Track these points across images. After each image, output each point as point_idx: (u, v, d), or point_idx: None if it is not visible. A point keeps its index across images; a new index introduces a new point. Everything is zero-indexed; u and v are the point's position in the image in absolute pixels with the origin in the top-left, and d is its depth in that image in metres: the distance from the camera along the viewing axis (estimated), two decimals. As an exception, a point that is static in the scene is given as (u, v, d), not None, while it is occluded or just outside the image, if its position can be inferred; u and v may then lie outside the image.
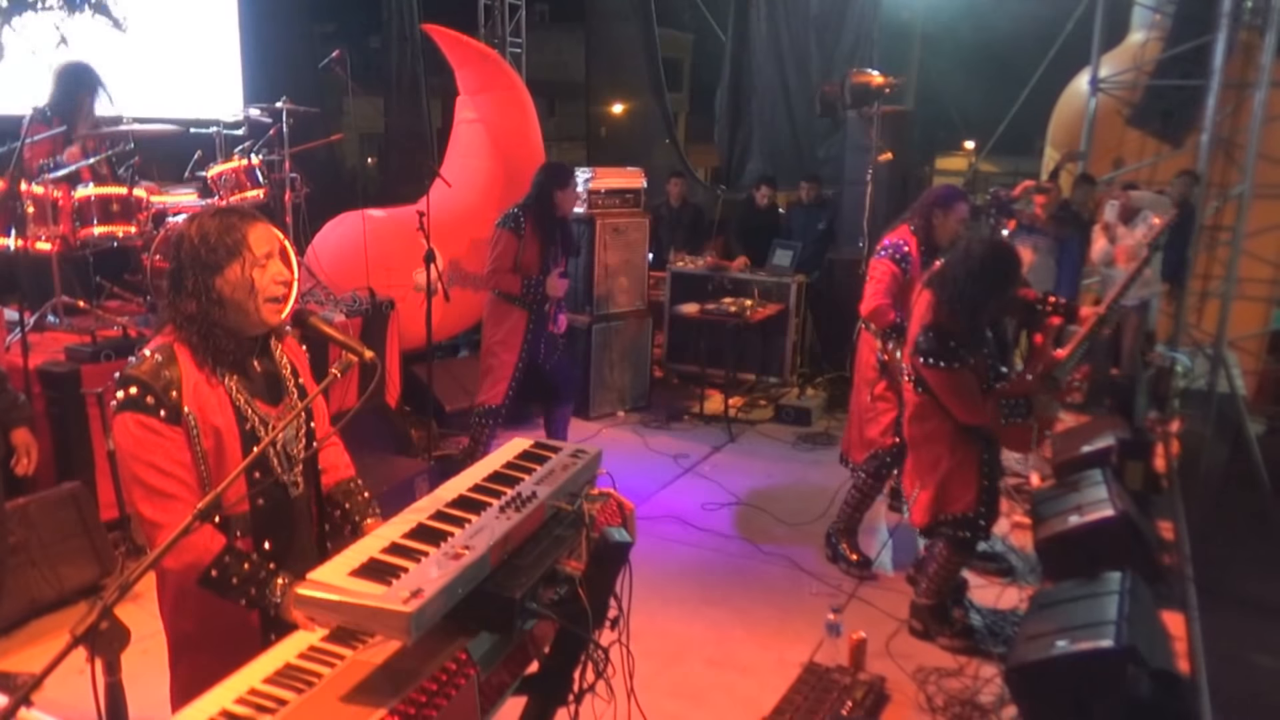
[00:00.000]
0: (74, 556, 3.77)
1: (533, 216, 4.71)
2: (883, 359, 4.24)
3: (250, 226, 1.94)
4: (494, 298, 4.86)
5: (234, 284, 1.91)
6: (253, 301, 1.92)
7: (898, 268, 4.12)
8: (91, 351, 4.19)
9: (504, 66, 7.24)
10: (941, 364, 3.35)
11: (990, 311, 3.46)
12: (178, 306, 1.93)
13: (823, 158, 9.82)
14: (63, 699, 1.74)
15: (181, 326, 1.92)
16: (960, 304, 3.36)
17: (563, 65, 16.72)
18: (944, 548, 3.62)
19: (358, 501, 2.21)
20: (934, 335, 3.37)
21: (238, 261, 1.90)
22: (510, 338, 4.81)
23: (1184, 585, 4.19)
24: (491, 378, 4.86)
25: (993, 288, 3.37)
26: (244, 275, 1.91)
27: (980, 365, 3.41)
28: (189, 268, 1.91)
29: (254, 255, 1.92)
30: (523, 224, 4.68)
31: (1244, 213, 8.28)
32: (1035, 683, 3.00)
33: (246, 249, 1.91)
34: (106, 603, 1.42)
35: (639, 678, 2.16)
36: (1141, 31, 9.30)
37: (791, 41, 10.26)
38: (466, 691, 1.59)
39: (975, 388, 3.38)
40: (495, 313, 4.87)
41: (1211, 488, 7.29)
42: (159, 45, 6.64)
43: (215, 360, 1.93)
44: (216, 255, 1.89)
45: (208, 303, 1.90)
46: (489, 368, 4.88)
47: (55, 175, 4.51)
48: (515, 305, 4.79)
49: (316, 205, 6.12)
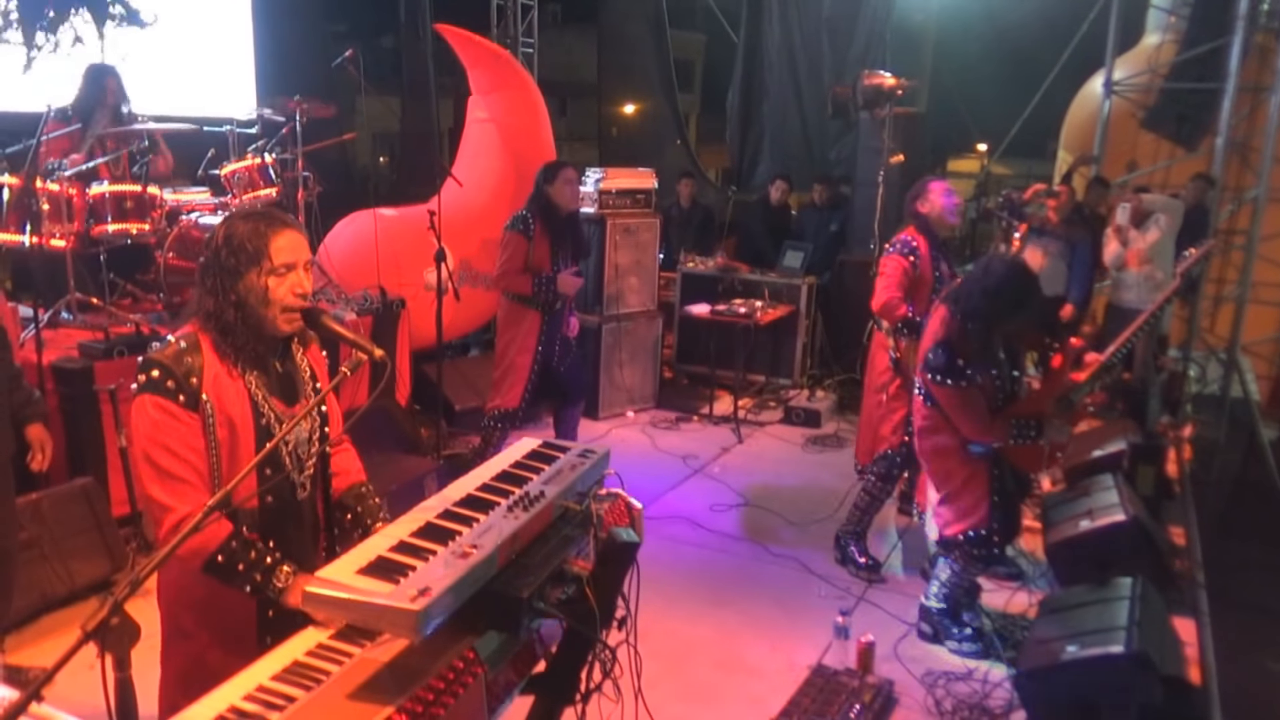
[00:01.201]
0: (85, 552, 3.79)
1: (539, 217, 4.71)
2: (895, 356, 4.23)
3: (275, 235, 1.93)
4: (507, 301, 4.86)
5: (250, 290, 1.93)
6: (266, 310, 1.94)
7: (908, 262, 4.13)
8: (104, 348, 4.21)
9: (516, 66, 7.25)
10: (949, 381, 3.32)
11: (1004, 332, 3.42)
12: (201, 301, 1.97)
13: (834, 159, 9.80)
14: (73, 694, 1.75)
15: (210, 320, 1.96)
16: (974, 321, 3.33)
17: (574, 65, 16.74)
18: (958, 558, 3.61)
19: (369, 506, 2.23)
20: (944, 352, 3.35)
21: (256, 269, 1.92)
22: (525, 340, 4.80)
23: (1195, 591, 4.16)
24: (508, 381, 4.84)
25: (1008, 308, 3.33)
26: (260, 283, 1.92)
27: (989, 385, 3.38)
28: (212, 267, 1.94)
29: (272, 264, 1.92)
30: (531, 225, 4.68)
31: (1259, 217, 8.22)
32: (1045, 688, 2.99)
33: (266, 258, 1.92)
34: (117, 599, 1.42)
35: (646, 678, 2.16)
36: (1156, 34, 9.24)
37: (804, 43, 10.24)
38: (474, 690, 1.59)
39: (983, 406, 3.35)
40: (509, 316, 4.86)
41: (1224, 493, 7.25)
42: (174, 44, 6.68)
43: (235, 355, 1.96)
44: (237, 260, 1.91)
45: (225, 303, 1.93)
46: (504, 371, 4.87)
47: (69, 173, 4.55)
48: (528, 307, 4.78)
49: (328, 204, 6.14)
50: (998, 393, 3.42)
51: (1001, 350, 3.48)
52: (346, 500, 2.23)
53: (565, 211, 4.80)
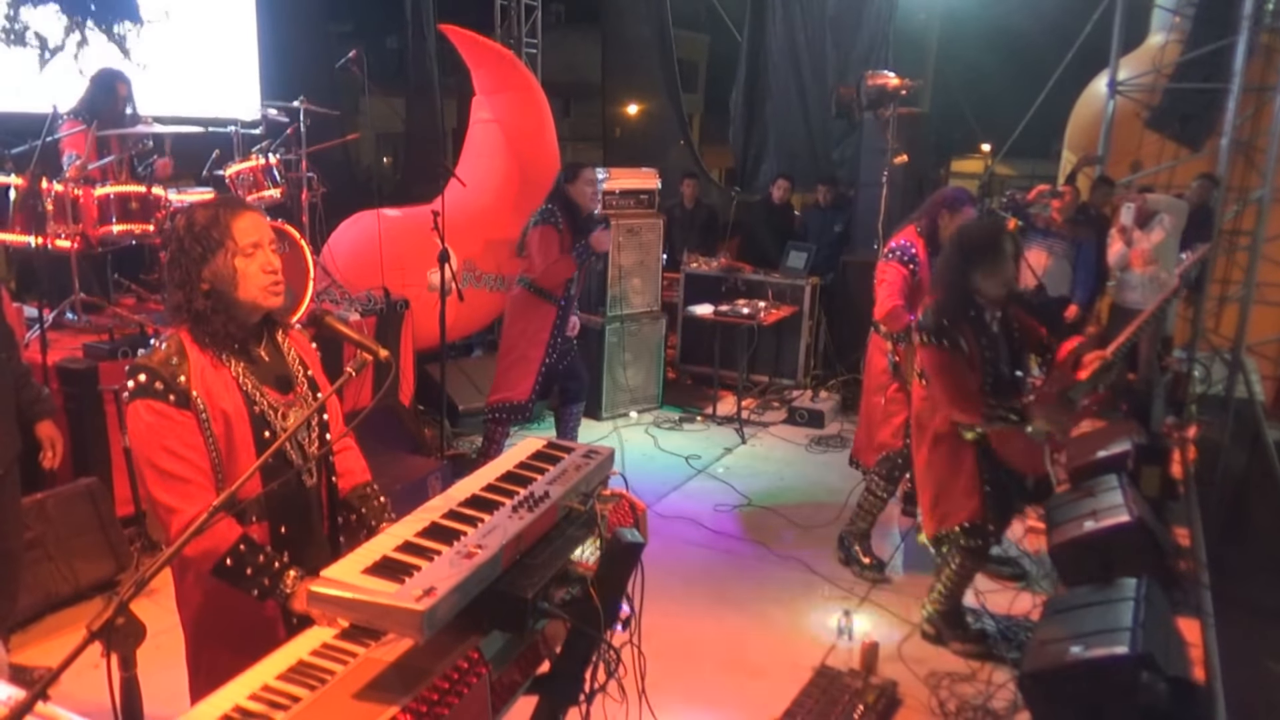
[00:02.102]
0: (90, 552, 3.79)
1: (563, 212, 4.70)
2: (894, 360, 4.22)
3: (236, 217, 1.96)
4: (523, 294, 4.82)
5: (218, 274, 1.94)
6: (240, 291, 1.95)
7: (907, 269, 4.09)
8: (109, 348, 4.22)
9: (520, 67, 7.26)
10: (934, 340, 3.37)
11: (980, 285, 3.40)
12: (172, 296, 1.98)
13: (838, 160, 9.80)
14: (78, 693, 1.75)
15: (177, 315, 1.97)
16: (949, 275, 3.43)
17: (578, 66, 16.71)
18: (956, 555, 3.61)
19: (374, 506, 2.23)
20: (931, 311, 3.44)
21: (222, 252, 1.93)
22: (538, 333, 4.77)
23: (1200, 592, 4.15)
24: (517, 372, 4.81)
25: (979, 257, 3.37)
26: (228, 265, 1.93)
27: (975, 355, 3.39)
28: (178, 259, 1.95)
29: (238, 245, 1.94)
30: (558, 217, 4.66)
31: (1264, 217, 8.19)
32: (1049, 689, 2.98)
33: (230, 239, 1.93)
34: (123, 598, 1.43)
35: (650, 679, 2.16)
36: (1161, 34, 9.22)
37: (807, 43, 10.24)
38: (478, 690, 1.59)
39: (964, 376, 3.37)
40: (523, 308, 4.83)
41: (1228, 494, 7.23)
42: (178, 44, 6.69)
43: (215, 345, 1.97)
44: (203, 246, 1.92)
45: (194, 293, 1.94)
46: (513, 362, 4.82)
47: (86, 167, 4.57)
48: (546, 301, 4.75)
49: (332, 205, 6.15)
50: (987, 366, 3.42)
51: (995, 324, 3.49)
52: (351, 500, 2.23)
53: (586, 211, 4.78)
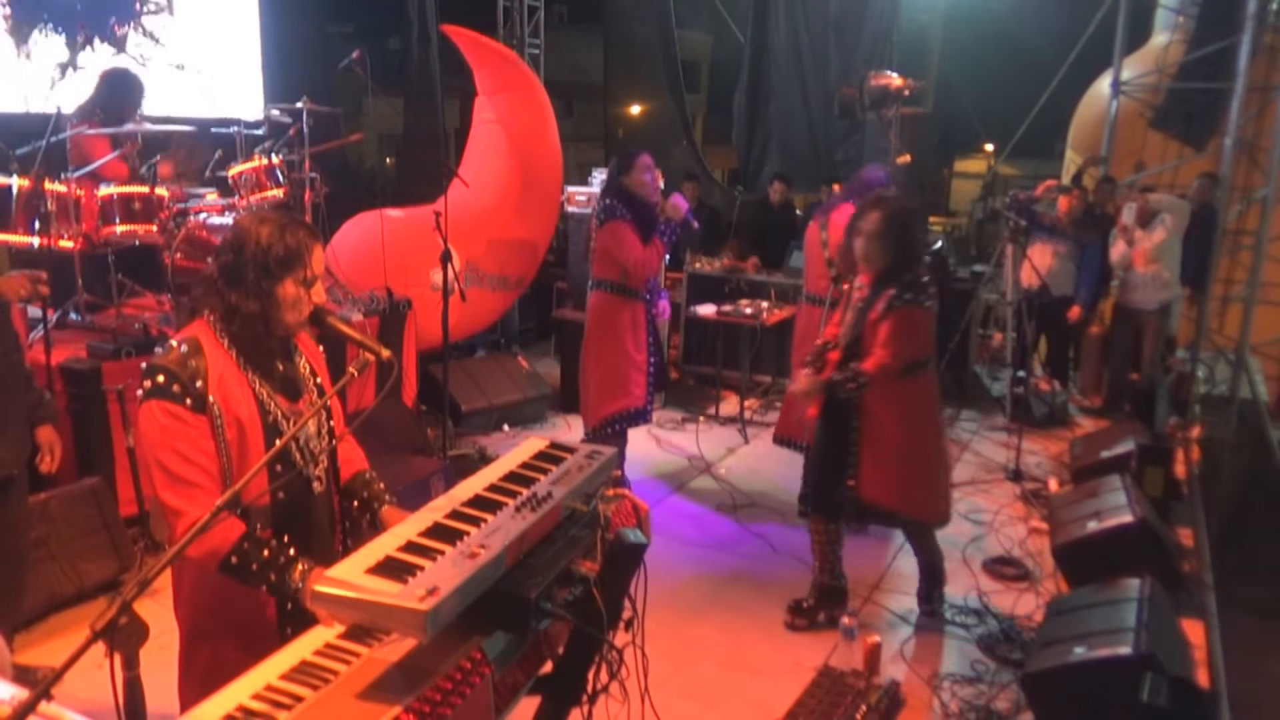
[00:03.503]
0: (93, 552, 3.80)
1: (625, 205, 4.55)
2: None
3: (316, 246, 2.02)
4: (605, 298, 4.62)
5: (288, 293, 1.97)
6: (289, 314, 1.99)
7: None
8: (112, 349, 4.23)
9: (522, 67, 7.26)
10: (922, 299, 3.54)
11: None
12: (227, 298, 1.96)
13: (841, 160, 9.80)
14: (82, 693, 1.76)
15: (226, 318, 1.96)
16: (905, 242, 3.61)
17: (581, 66, 16.72)
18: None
19: (374, 490, 2.25)
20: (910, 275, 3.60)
21: (294, 276, 1.97)
22: (639, 336, 4.66)
23: (1203, 593, 4.14)
24: (631, 380, 4.67)
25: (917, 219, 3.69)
26: (294, 291, 1.97)
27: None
28: (251, 266, 1.94)
29: (310, 274, 1.99)
30: (624, 211, 4.50)
31: (1267, 217, 8.17)
32: (1052, 690, 2.98)
33: (307, 267, 1.98)
34: (126, 598, 1.43)
35: (652, 679, 2.16)
36: (1164, 33, 9.20)
37: (810, 43, 10.24)
38: (481, 690, 1.59)
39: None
40: (612, 311, 4.62)
41: (1232, 494, 7.21)
42: (180, 45, 6.70)
43: (245, 355, 1.98)
44: (284, 266, 1.95)
45: (249, 301, 1.95)
46: (617, 369, 4.64)
47: (78, 173, 4.57)
48: (632, 299, 4.60)
49: (335, 205, 6.15)
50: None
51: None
52: (353, 487, 2.25)
53: (649, 201, 4.58)
